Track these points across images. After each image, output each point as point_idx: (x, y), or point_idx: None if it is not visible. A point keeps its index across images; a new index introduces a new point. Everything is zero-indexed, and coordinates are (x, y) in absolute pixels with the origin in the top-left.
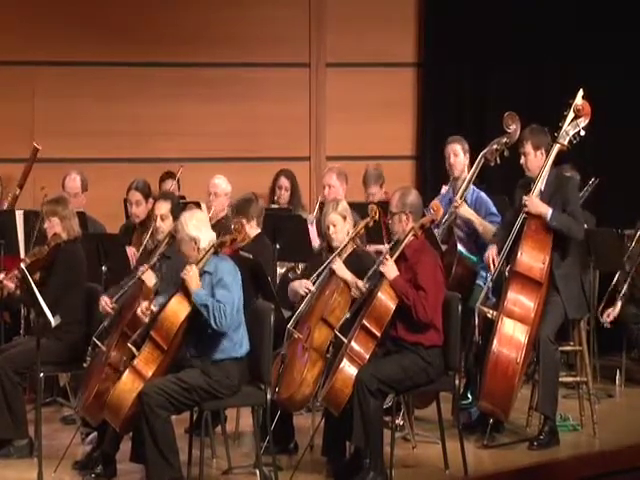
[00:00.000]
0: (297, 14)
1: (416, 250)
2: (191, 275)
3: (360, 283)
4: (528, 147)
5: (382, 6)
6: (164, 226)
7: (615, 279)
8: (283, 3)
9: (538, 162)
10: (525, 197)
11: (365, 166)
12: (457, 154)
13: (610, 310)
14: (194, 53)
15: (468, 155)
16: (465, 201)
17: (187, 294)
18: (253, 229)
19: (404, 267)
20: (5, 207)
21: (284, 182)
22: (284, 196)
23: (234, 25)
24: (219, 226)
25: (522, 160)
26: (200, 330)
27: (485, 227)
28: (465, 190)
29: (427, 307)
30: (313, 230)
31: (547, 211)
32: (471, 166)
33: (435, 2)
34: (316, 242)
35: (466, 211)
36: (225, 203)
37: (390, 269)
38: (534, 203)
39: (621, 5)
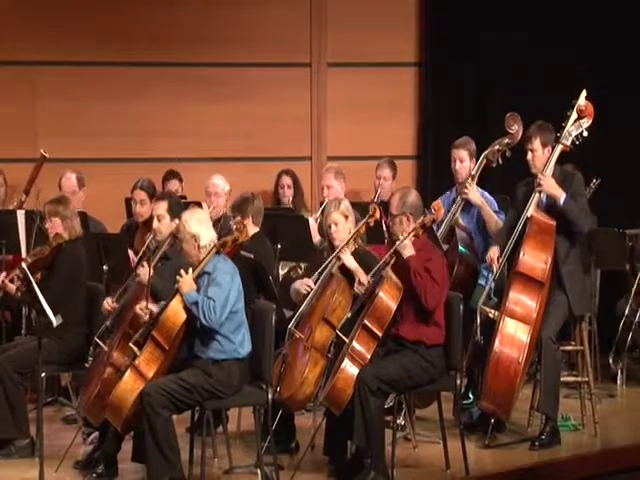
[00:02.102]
0: (298, 14)
1: (419, 249)
2: (184, 281)
3: (364, 278)
4: (536, 144)
5: (383, 6)
6: (161, 226)
7: None
8: (284, 3)
9: (545, 159)
10: (540, 175)
11: (365, 165)
12: (463, 160)
13: None
14: (194, 53)
15: (474, 159)
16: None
17: None
18: (250, 227)
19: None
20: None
21: (286, 180)
22: (288, 193)
23: (234, 25)
24: (219, 225)
25: (529, 156)
26: (201, 330)
27: (492, 217)
28: (475, 178)
29: (436, 295)
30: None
31: (561, 194)
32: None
33: (435, 2)
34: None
35: (476, 197)
36: (225, 203)
37: (407, 246)
38: (549, 182)
39: (621, 5)
